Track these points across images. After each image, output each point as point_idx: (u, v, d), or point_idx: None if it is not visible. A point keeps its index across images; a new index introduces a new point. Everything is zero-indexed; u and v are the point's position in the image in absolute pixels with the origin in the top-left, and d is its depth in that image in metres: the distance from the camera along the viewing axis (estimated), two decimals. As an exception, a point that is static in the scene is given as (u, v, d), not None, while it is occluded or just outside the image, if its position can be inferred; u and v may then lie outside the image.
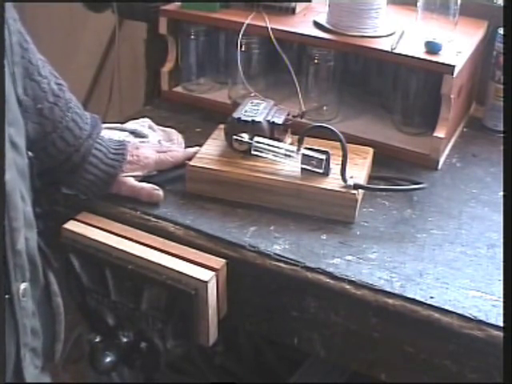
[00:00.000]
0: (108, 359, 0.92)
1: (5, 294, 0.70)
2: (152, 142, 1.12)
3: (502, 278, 0.88)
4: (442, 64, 1.09)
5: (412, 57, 1.11)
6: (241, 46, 1.22)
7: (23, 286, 0.73)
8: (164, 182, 1.05)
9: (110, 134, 1.11)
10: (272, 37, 1.19)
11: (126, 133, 1.15)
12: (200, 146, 1.08)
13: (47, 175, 0.89)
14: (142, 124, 1.18)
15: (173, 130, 1.20)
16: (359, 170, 1.03)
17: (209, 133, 1.11)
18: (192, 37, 1.31)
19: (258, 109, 1.06)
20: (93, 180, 0.97)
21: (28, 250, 0.74)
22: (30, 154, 0.79)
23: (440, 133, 1.13)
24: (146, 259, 0.92)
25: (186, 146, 1.16)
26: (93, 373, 0.98)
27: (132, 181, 1.01)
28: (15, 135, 0.73)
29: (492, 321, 0.81)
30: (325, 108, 1.25)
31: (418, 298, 0.84)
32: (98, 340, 0.94)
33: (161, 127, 1.19)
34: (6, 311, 0.71)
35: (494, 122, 1.27)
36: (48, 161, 0.94)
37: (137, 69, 1.90)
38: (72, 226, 0.97)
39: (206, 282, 0.88)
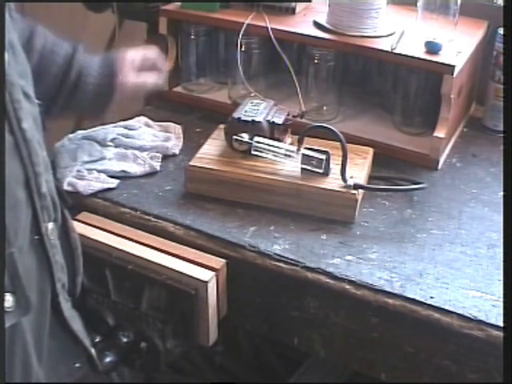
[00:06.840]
0: (108, 359, 0.92)
1: (34, 235, 0.74)
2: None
3: (501, 278, 0.88)
4: (442, 64, 1.09)
5: (412, 57, 1.11)
6: (241, 46, 1.23)
7: (50, 225, 0.77)
8: None
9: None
10: (272, 37, 1.19)
11: (120, 128, 1.16)
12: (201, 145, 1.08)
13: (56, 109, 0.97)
14: (138, 122, 1.19)
15: (170, 124, 1.20)
16: (359, 170, 1.03)
17: (209, 133, 1.11)
18: (192, 37, 1.31)
19: (257, 109, 1.06)
20: (96, 91, 1.00)
21: (49, 191, 0.77)
22: (37, 102, 0.82)
23: (440, 133, 1.13)
24: (146, 259, 0.92)
25: (186, 147, 1.16)
26: (93, 373, 0.98)
27: (133, 77, 1.05)
28: (26, 86, 0.75)
29: (492, 321, 0.81)
30: (325, 108, 1.25)
31: (417, 298, 0.84)
32: (98, 340, 0.94)
33: (157, 122, 1.20)
34: (38, 251, 0.75)
35: (494, 122, 1.27)
36: (49, 83, 0.97)
37: (137, 69, 1.89)
38: (72, 226, 0.98)
39: (206, 282, 0.88)
